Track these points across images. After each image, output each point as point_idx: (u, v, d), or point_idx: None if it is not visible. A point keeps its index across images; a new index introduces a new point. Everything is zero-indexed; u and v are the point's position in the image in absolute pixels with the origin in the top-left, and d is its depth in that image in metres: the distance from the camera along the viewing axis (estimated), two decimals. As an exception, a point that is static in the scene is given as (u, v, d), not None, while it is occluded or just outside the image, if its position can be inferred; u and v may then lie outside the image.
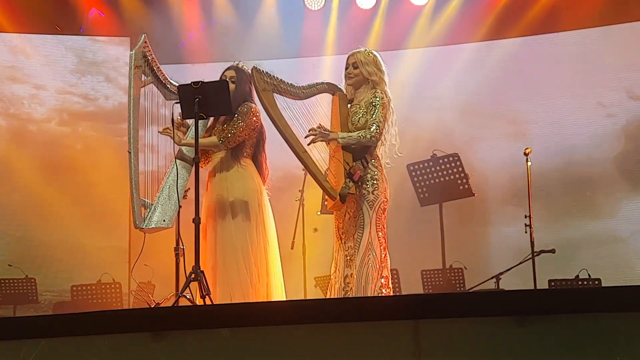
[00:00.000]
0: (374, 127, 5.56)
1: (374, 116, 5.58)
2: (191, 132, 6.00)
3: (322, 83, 5.86)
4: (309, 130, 5.57)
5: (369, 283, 5.43)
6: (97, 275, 9.17)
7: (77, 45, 10.72)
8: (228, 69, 6.18)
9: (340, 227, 5.69)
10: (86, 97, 10.66)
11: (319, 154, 5.70)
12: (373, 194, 5.55)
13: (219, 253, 5.92)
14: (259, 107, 5.88)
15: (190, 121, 6.03)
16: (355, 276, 5.48)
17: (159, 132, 6.04)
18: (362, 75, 5.74)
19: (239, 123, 5.97)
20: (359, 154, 5.62)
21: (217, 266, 5.91)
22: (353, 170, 5.47)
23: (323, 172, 5.64)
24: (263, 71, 5.65)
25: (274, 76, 5.67)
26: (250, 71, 6.05)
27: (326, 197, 6.09)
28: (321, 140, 5.61)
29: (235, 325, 3.55)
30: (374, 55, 5.79)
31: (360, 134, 5.56)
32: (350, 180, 5.46)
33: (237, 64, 6.21)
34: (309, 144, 5.59)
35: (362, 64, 5.73)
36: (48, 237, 10.15)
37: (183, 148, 6.01)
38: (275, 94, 5.66)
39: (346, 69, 5.82)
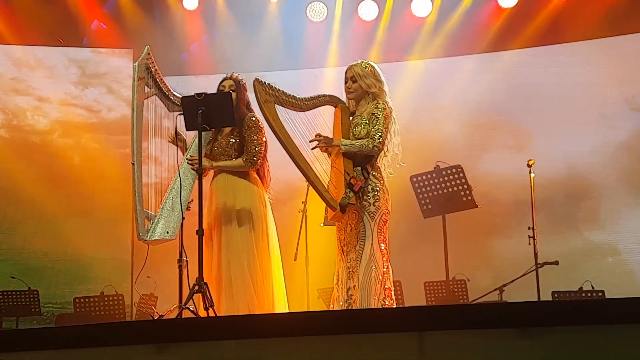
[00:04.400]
0: (377, 137, 5.55)
1: (376, 127, 5.57)
2: (194, 144, 6.00)
3: (325, 95, 5.85)
4: (315, 136, 5.58)
5: (372, 295, 5.42)
6: (99, 287, 9.16)
7: (79, 57, 10.73)
8: (225, 79, 6.17)
9: (342, 239, 5.68)
10: (89, 109, 10.67)
11: (321, 165, 5.69)
12: (374, 206, 5.54)
13: (224, 262, 5.91)
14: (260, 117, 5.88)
15: (191, 134, 6.03)
16: (358, 288, 5.47)
17: (168, 141, 6.04)
18: (362, 89, 5.72)
19: (256, 139, 5.97)
20: (360, 164, 5.61)
21: (222, 275, 5.90)
22: (353, 180, 5.46)
23: (325, 184, 5.63)
24: (265, 83, 5.65)
25: (275, 88, 5.67)
26: (244, 81, 6.08)
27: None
28: (324, 145, 5.60)
29: (239, 337, 3.55)
30: (372, 67, 5.76)
31: (362, 143, 5.55)
32: (351, 191, 5.45)
33: (232, 74, 6.20)
34: (312, 149, 5.60)
35: (360, 77, 5.71)
36: (51, 249, 10.15)
37: (184, 164, 5.99)
38: (277, 106, 5.66)
39: (345, 83, 5.80)
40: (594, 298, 7.89)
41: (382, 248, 5.52)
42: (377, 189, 5.58)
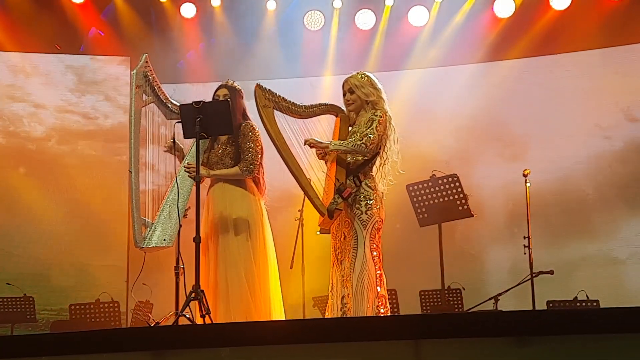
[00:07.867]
0: (366, 137, 5.57)
1: (368, 129, 5.61)
2: (191, 152, 6.02)
3: (326, 104, 5.90)
4: (305, 140, 5.61)
5: (365, 303, 5.44)
6: (95, 294, 9.15)
7: (77, 64, 10.74)
8: (220, 87, 6.20)
9: (337, 247, 5.71)
10: (86, 116, 10.68)
11: (316, 174, 5.71)
12: (366, 214, 5.57)
13: (221, 270, 5.92)
14: (257, 123, 5.91)
15: (187, 143, 6.05)
16: (352, 296, 5.49)
17: (164, 150, 6.05)
18: (360, 99, 5.77)
19: (253, 147, 5.99)
20: (352, 172, 5.64)
21: (219, 283, 5.91)
22: (343, 186, 5.49)
23: (320, 193, 5.65)
24: (265, 88, 5.71)
25: (276, 94, 5.72)
26: (240, 88, 6.11)
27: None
28: (316, 145, 5.61)
29: (235, 344, 3.56)
30: (368, 77, 5.82)
31: (352, 142, 5.58)
32: (340, 197, 5.47)
33: (228, 82, 6.22)
34: (305, 144, 5.62)
35: (357, 88, 5.76)
36: (46, 255, 10.14)
37: (181, 172, 6.00)
38: (276, 112, 5.70)
39: (344, 96, 5.86)
40: (588, 307, 7.90)
41: (375, 255, 5.54)
42: (370, 197, 5.60)
